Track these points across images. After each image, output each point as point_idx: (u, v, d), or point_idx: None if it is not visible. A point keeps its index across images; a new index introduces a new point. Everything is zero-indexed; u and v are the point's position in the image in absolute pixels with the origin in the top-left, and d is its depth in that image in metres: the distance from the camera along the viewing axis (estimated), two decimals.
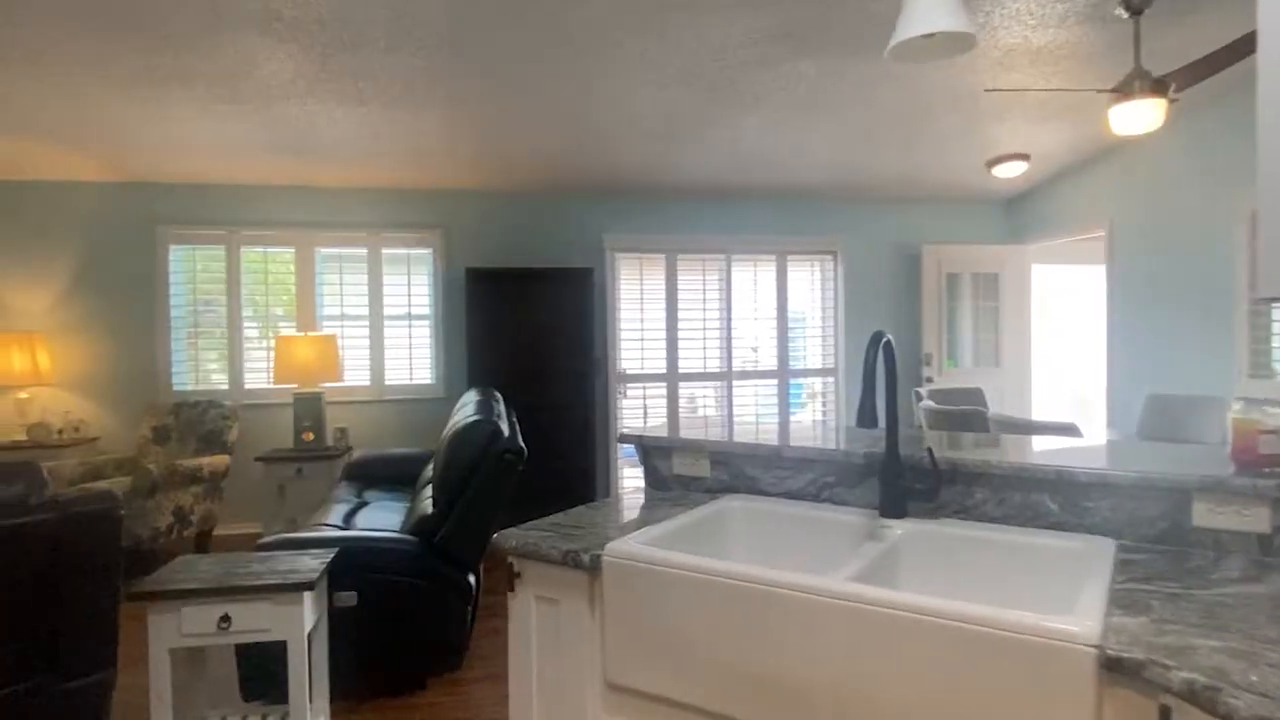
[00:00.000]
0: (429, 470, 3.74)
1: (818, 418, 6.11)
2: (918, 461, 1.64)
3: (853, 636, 1.17)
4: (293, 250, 5.23)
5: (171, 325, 5.09)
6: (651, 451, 2.08)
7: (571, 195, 5.60)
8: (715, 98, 4.15)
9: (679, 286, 5.74)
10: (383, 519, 3.54)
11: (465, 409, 3.30)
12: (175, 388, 5.10)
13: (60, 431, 4.77)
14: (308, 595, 2.24)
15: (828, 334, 6.07)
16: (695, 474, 2.00)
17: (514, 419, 3.63)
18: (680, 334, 5.73)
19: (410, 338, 5.42)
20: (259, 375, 5.19)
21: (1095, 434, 4.69)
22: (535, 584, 1.55)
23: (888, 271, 6.12)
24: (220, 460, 4.70)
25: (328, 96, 3.96)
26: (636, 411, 5.72)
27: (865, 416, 1.41)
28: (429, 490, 3.05)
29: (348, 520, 3.52)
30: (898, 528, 1.57)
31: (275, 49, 3.45)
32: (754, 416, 5.94)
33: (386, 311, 5.36)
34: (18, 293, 4.89)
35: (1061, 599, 1.39)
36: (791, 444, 1.85)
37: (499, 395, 3.82)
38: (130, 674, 2.88)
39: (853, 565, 1.35)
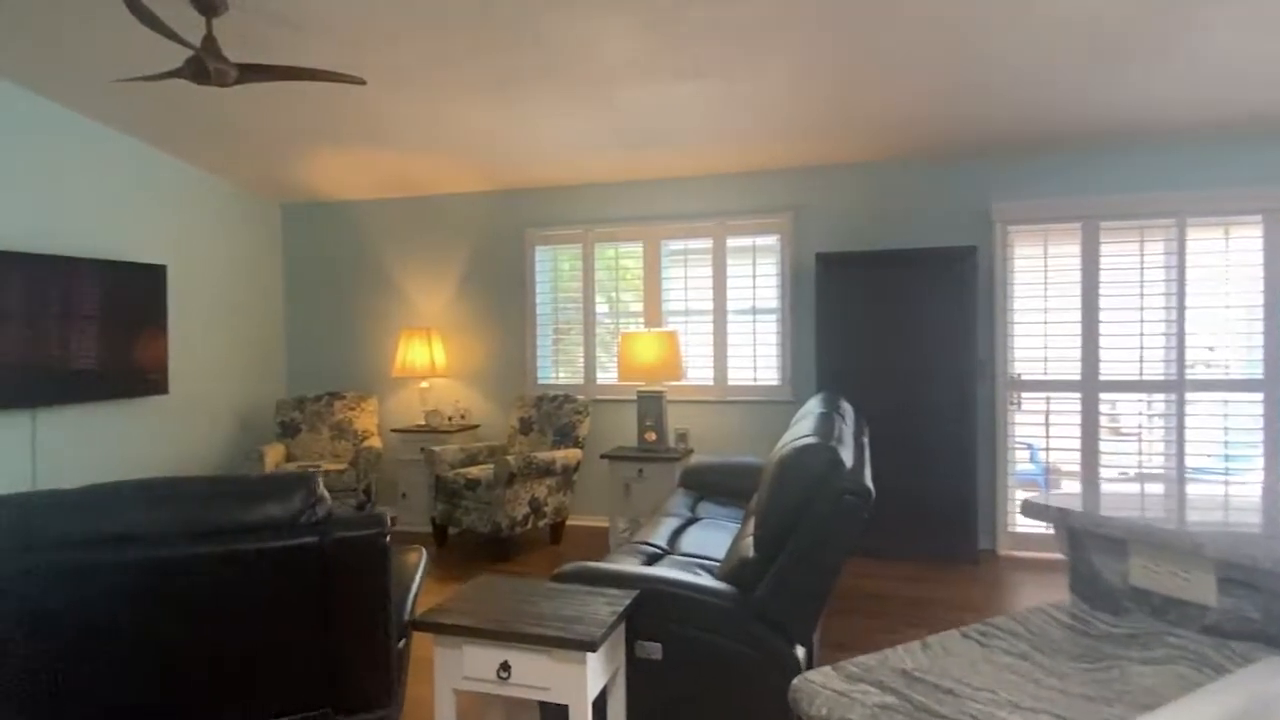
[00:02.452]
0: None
1: None
2: None
3: None
4: (640, 245, 5.13)
5: (537, 322, 5.35)
6: (1086, 539, 1.22)
7: (948, 158, 4.57)
8: None
9: (1101, 264, 4.33)
10: (711, 543, 3.09)
11: (801, 424, 2.67)
12: (539, 381, 5.36)
13: (449, 419, 5.31)
14: (591, 656, 1.84)
15: None
16: (1181, 596, 1.09)
17: (864, 439, 2.89)
18: (1103, 328, 4.32)
19: (755, 334, 4.95)
20: (610, 371, 5.20)
21: None
22: None
23: None
24: (572, 454, 4.77)
25: (666, 74, 3.64)
26: (1034, 428, 4.47)
27: None
28: (754, 523, 2.49)
29: (673, 541, 3.15)
30: None
31: (609, 23, 3.20)
32: (1222, 445, 4.23)
33: (730, 306, 4.97)
34: (422, 294, 5.58)
35: None
36: None
37: (846, 407, 3.11)
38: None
39: None
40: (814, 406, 2.98)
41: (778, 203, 4.85)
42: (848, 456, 2.26)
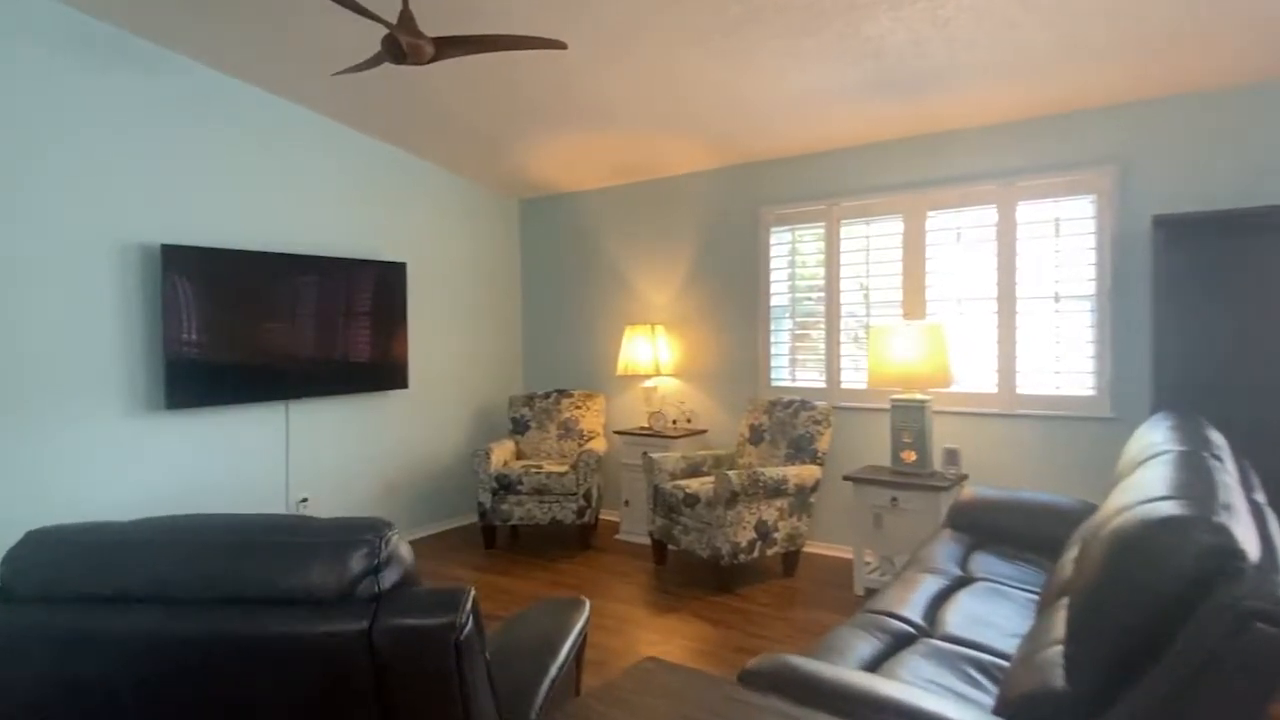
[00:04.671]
0: (1075, 551, 2.20)
1: None
2: None
3: None
4: (899, 219, 4.20)
5: (771, 315, 4.67)
6: None
7: None
8: None
9: None
10: (990, 624, 2.21)
11: (1150, 471, 1.70)
12: (773, 383, 4.67)
13: (674, 422, 4.83)
14: None
15: None
16: None
17: (1258, 497, 1.81)
18: None
19: (1057, 328, 3.79)
20: (859, 374, 4.35)
21: None
22: None
23: None
24: (809, 472, 4.03)
25: None
26: None
27: None
28: (1064, 613, 1.60)
29: (931, 613, 2.31)
30: None
31: None
32: None
33: (1020, 291, 3.85)
34: (648, 287, 5.17)
35: None
36: None
37: (1217, 441, 2.02)
38: None
39: None
40: (1163, 439, 1.95)
41: (1094, 153, 3.65)
42: (1248, 539, 1.30)
